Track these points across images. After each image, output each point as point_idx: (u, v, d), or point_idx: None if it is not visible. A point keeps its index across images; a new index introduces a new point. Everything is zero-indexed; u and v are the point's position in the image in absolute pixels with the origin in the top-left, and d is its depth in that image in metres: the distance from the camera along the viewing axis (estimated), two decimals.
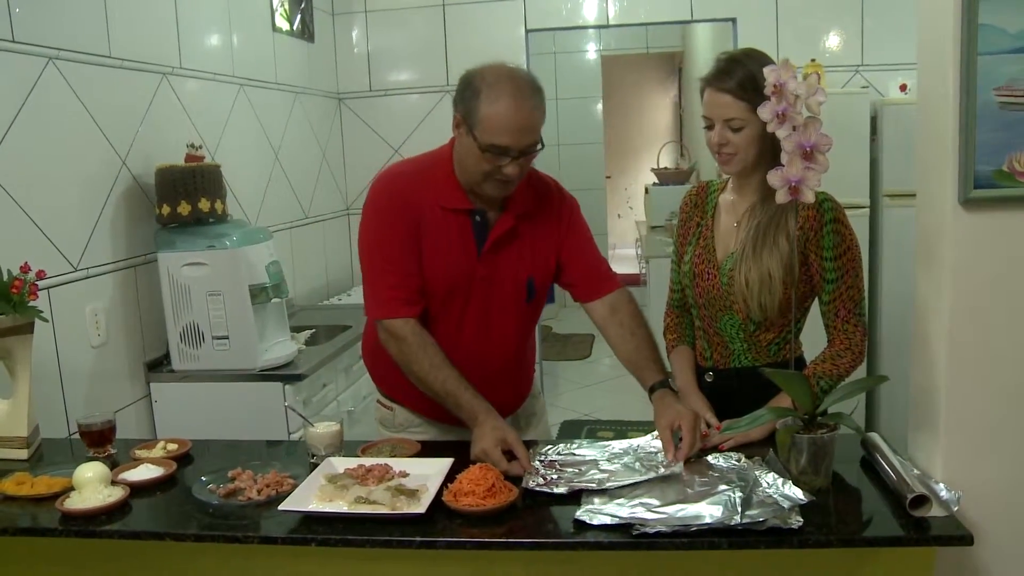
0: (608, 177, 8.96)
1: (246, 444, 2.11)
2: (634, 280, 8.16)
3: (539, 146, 1.85)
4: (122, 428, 2.62)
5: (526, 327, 2.07)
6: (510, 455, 1.76)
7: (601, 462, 1.78)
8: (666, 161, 7.48)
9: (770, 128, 1.56)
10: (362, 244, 1.98)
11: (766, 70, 1.55)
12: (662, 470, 1.70)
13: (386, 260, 1.93)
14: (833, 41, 4.40)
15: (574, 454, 1.84)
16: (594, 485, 1.65)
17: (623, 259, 9.85)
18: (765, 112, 1.55)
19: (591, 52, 8.46)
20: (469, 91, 1.83)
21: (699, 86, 1.92)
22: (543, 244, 2.02)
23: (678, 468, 1.69)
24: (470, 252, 1.93)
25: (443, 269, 1.93)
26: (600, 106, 8.46)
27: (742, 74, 1.81)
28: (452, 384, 1.87)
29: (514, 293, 1.99)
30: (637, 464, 1.75)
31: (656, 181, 6.85)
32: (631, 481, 1.66)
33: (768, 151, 1.81)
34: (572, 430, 5.08)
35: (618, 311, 2.04)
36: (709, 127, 1.88)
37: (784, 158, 1.55)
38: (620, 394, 5.72)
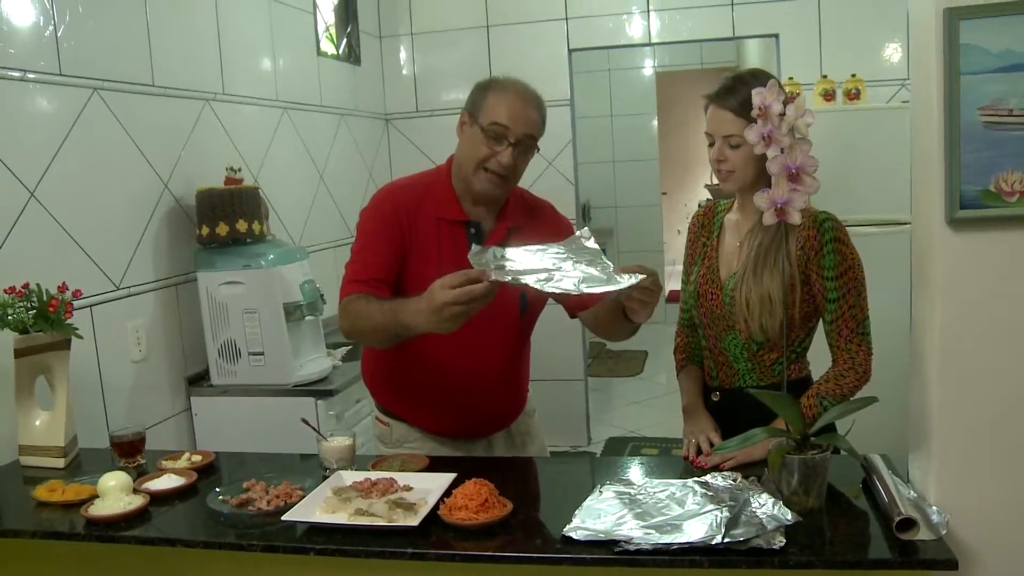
0: (664, 193, 8.91)
1: (278, 457, 2.19)
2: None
3: (536, 147, 1.99)
4: (164, 439, 2.76)
5: (518, 342, 2.11)
6: None
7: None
8: None
9: (757, 150, 1.57)
10: (353, 245, 2.07)
11: (753, 92, 1.57)
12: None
13: (366, 255, 2.00)
14: (877, 55, 4.33)
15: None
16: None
17: (679, 275, 9.76)
18: (752, 134, 1.57)
19: (646, 69, 8.45)
20: (479, 89, 2.00)
21: (703, 103, 1.95)
22: None
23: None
24: (464, 263, 1.98)
25: (434, 279, 1.98)
26: (655, 122, 8.43)
27: (745, 93, 1.82)
28: (389, 303, 1.84)
29: (506, 306, 2.04)
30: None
31: (709, 197, 6.81)
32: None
33: (767, 171, 1.82)
34: (617, 447, 5.07)
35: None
36: (711, 144, 1.91)
37: (772, 180, 1.56)
38: (670, 410, 5.66)
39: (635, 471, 1.92)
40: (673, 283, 9.26)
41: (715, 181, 6.96)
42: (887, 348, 1.90)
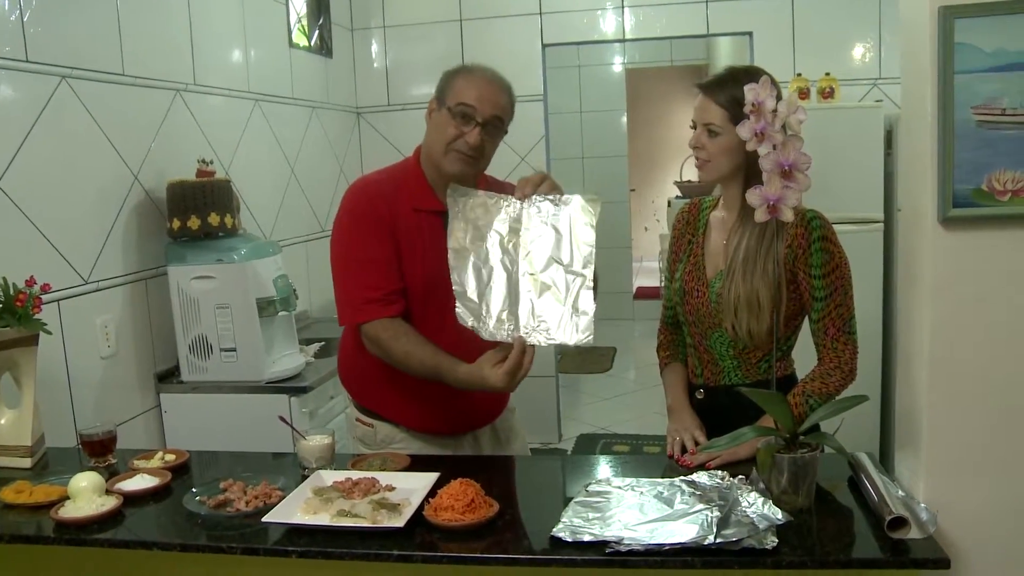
0: (632, 190, 8.93)
1: (250, 456, 2.14)
2: (654, 293, 8.13)
3: (503, 129, 1.99)
4: (132, 438, 2.69)
5: None
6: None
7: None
8: (690, 174, 7.45)
9: (749, 147, 1.56)
10: (335, 251, 2.04)
11: (745, 88, 1.56)
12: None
13: (363, 265, 1.97)
14: (850, 54, 4.36)
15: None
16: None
17: (648, 272, 9.81)
18: (744, 131, 1.56)
19: (616, 65, 8.47)
20: (447, 76, 2.01)
21: (695, 92, 1.94)
22: None
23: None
24: (443, 251, 1.97)
25: (419, 271, 1.97)
26: (625, 119, 8.45)
27: (736, 89, 1.81)
28: (430, 360, 1.91)
29: None
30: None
31: (679, 194, 6.83)
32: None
33: (745, 165, 1.82)
34: (587, 444, 5.07)
35: None
36: (693, 129, 1.91)
37: (764, 176, 1.55)
38: (639, 408, 5.71)
39: (620, 470, 1.91)
40: (640, 280, 9.30)
41: (685, 178, 6.97)
42: (860, 345, 1.91)
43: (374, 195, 2.01)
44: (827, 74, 4.07)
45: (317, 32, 4.36)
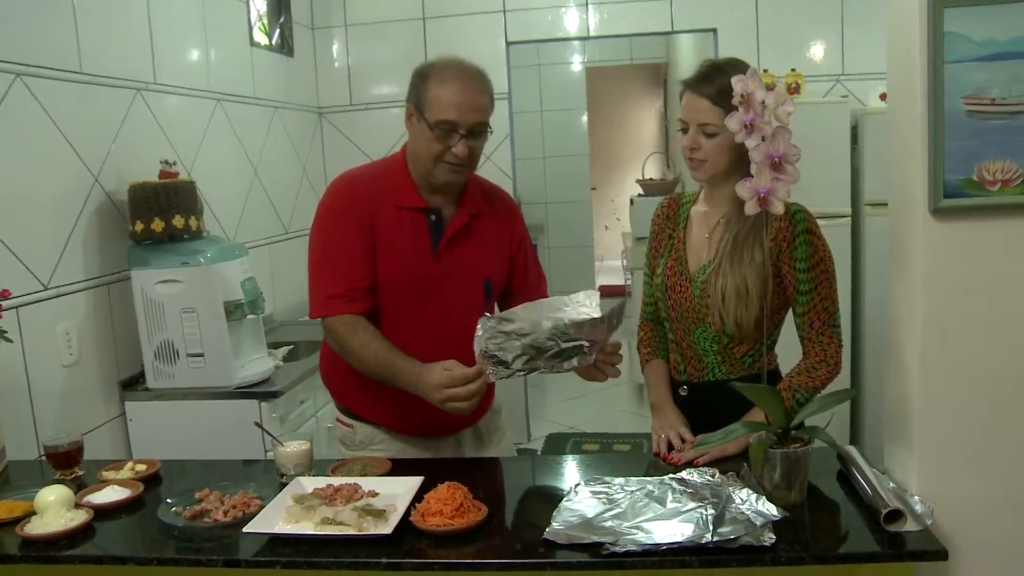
0: (594, 189, 8.93)
1: (221, 463, 2.08)
2: (619, 291, 8.15)
3: (488, 129, 1.94)
4: (96, 448, 2.60)
5: None
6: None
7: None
8: (651, 172, 7.46)
9: (738, 138, 1.54)
10: (312, 244, 2.01)
11: (733, 80, 1.54)
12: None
13: (334, 260, 1.95)
14: (814, 51, 4.40)
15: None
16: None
17: (610, 271, 9.83)
18: (733, 122, 1.54)
19: (576, 64, 8.46)
20: (419, 79, 1.94)
21: (679, 89, 1.92)
22: (496, 245, 2.07)
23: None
24: (426, 250, 1.95)
25: (399, 268, 1.94)
26: (585, 118, 8.45)
27: (723, 81, 1.78)
28: (383, 355, 1.87)
29: (471, 293, 2.01)
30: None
31: (641, 192, 6.84)
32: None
33: (739, 161, 1.80)
34: (557, 443, 5.05)
35: None
36: (684, 131, 1.88)
37: (753, 168, 1.53)
38: (607, 406, 5.69)
39: (605, 469, 1.88)
40: (602, 278, 9.31)
41: (648, 176, 6.94)
42: None
43: (355, 191, 1.98)
44: (792, 70, 4.10)
45: (278, 31, 4.28)
